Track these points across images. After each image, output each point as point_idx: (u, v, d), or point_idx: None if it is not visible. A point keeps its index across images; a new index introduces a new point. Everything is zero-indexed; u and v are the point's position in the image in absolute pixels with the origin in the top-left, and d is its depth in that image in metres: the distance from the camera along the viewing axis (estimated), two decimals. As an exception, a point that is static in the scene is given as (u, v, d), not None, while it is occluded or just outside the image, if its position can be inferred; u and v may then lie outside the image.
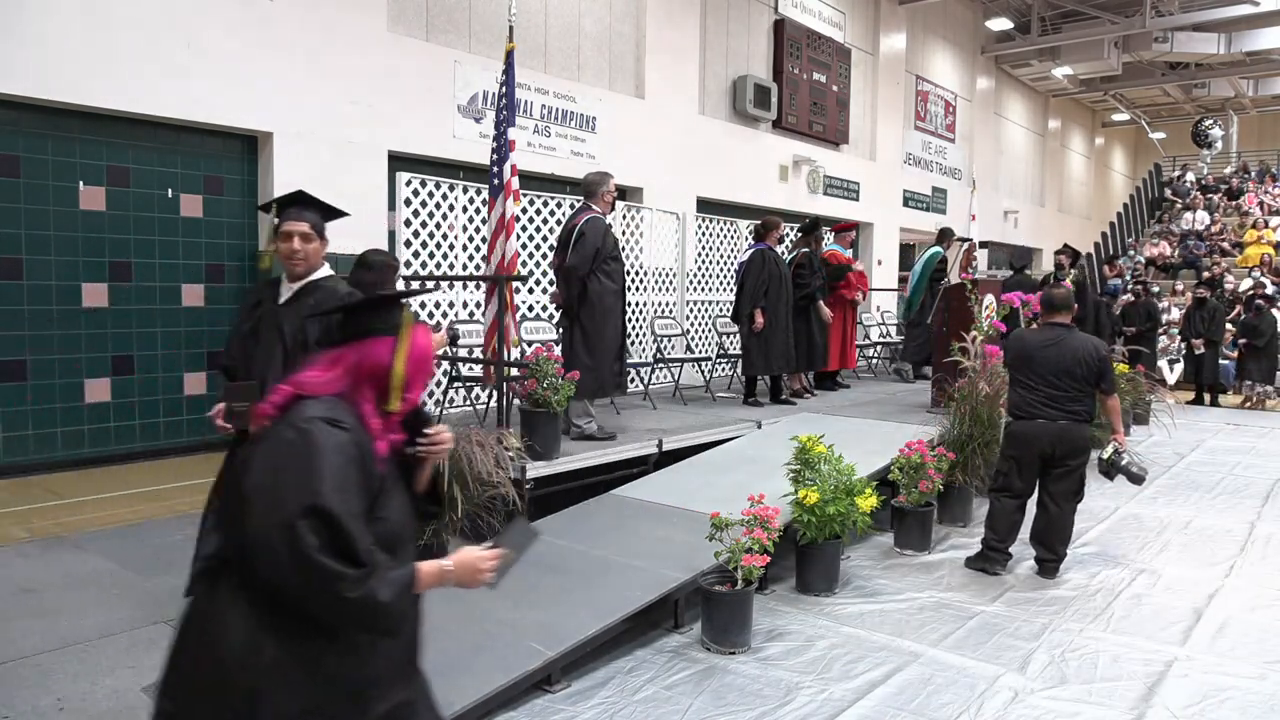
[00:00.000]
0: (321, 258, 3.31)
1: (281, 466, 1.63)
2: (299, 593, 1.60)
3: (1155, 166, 24.07)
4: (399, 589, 1.66)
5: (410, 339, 1.82)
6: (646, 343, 8.98)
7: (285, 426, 1.69)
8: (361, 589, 1.59)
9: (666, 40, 11.82)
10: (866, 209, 16.04)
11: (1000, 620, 4.24)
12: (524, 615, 3.74)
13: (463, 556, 1.84)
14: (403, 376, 1.81)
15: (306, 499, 1.58)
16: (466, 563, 1.83)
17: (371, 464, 1.74)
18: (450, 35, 9.39)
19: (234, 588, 1.67)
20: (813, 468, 4.66)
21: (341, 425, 1.70)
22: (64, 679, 3.41)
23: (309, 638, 1.66)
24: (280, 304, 3.26)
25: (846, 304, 9.18)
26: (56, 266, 6.91)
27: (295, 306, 3.23)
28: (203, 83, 7.33)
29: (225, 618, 1.65)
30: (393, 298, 1.91)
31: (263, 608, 1.64)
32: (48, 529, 5.33)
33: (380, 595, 1.62)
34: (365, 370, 1.79)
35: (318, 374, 1.77)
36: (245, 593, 1.65)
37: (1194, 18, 17.61)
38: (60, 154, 6.92)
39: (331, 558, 1.57)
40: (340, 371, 1.79)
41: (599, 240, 5.81)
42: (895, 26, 16.82)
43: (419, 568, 1.75)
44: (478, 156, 8.88)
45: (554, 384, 5.11)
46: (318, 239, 3.27)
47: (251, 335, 3.25)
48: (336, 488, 1.62)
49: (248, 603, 1.65)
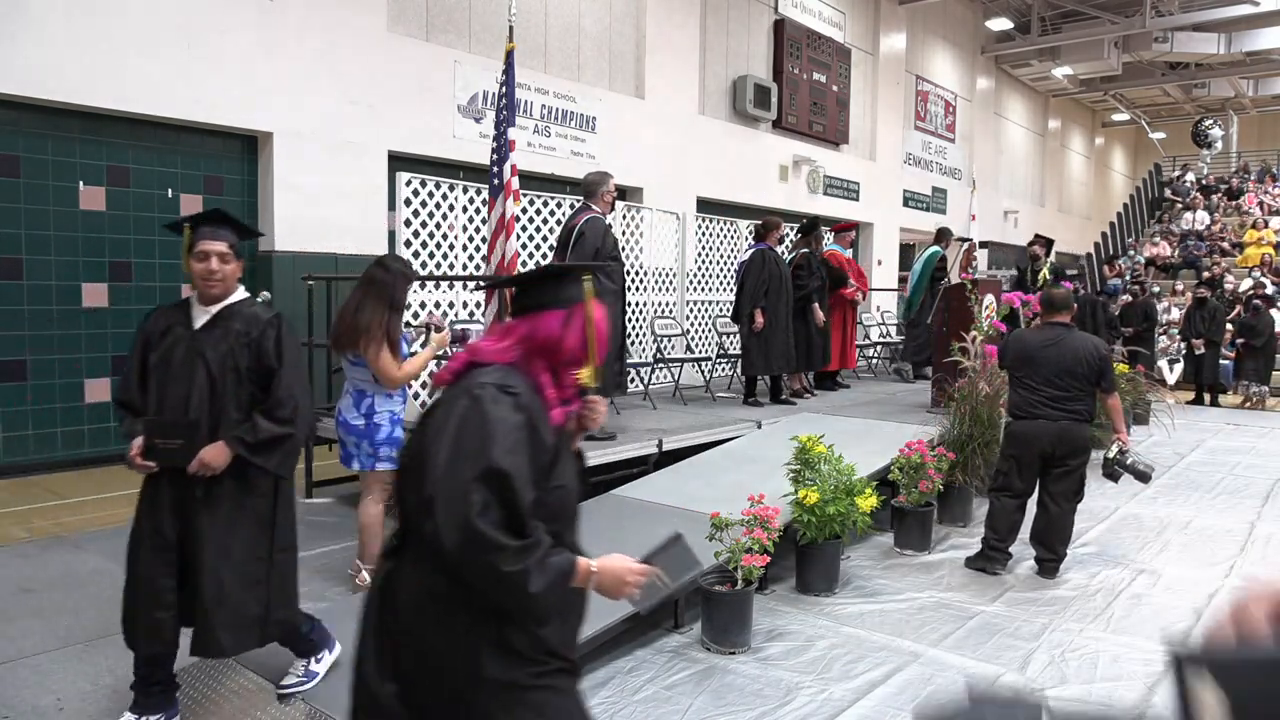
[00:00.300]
0: (237, 280, 3.09)
1: (456, 431, 1.65)
2: (457, 558, 1.59)
3: (1155, 166, 24.07)
4: (552, 580, 1.63)
5: (588, 313, 1.84)
6: (646, 343, 8.98)
7: (460, 392, 1.73)
8: (519, 563, 1.58)
9: (666, 40, 11.82)
10: (866, 209, 16.05)
11: (1000, 620, 4.24)
12: (524, 615, 3.74)
13: (609, 562, 1.77)
14: (589, 348, 1.84)
15: (481, 463, 1.60)
16: (612, 569, 1.76)
17: (545, 432, 1.75)
18: (450, 35, 9.39)
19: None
20: (813, 468, 4.66)
21: (513, 391, 1.72)
22: (64, 679, 3.41)
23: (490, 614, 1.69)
24: (197, 330, 3.00)
25: (846, 304, 9.18)
26: (56, 266, 6.91)
27: (217, 332, 2.99)
28: (202, 83, 7.34)
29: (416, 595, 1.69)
30: (567, 272, 1.89)
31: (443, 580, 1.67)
32: (48, 529, 5.33)
33: (532, 583, 1.59)
34: (538, 342, 1.81)
35: (492, 343, 1.81)
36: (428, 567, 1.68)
37: (1194, 18, 17.62)
38: (60, 154, 6.92)
39: (496, 527, 1.58)
40: (513, 342, 1.81)
41: (599, 240, 5.81)
42: (895, 26, 16.83)
43: (576, 561, 1.72)
44: (478, 156, 8.88)
45: (554, 384, 5.10)
46: (235, 260, 3.06)
47: (163, 365, 2.97)
48: (508, 451, 1.63)
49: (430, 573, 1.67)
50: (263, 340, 3.00)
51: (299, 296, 6.95)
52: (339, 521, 5.62)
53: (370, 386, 4.19)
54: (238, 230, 3.08)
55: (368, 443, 4.19)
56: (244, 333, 2.99)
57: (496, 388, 1.71)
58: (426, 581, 1.69)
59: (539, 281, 1.86)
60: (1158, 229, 20.90)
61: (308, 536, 5.36)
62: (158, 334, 3.01)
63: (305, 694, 3.18)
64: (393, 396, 4.24)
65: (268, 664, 3.38)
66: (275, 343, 3.02)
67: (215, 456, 2.88)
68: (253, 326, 3.01)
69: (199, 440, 2.88)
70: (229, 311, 3.04)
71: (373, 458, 4.20)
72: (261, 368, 3.00)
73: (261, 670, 3.35)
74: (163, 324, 3.04)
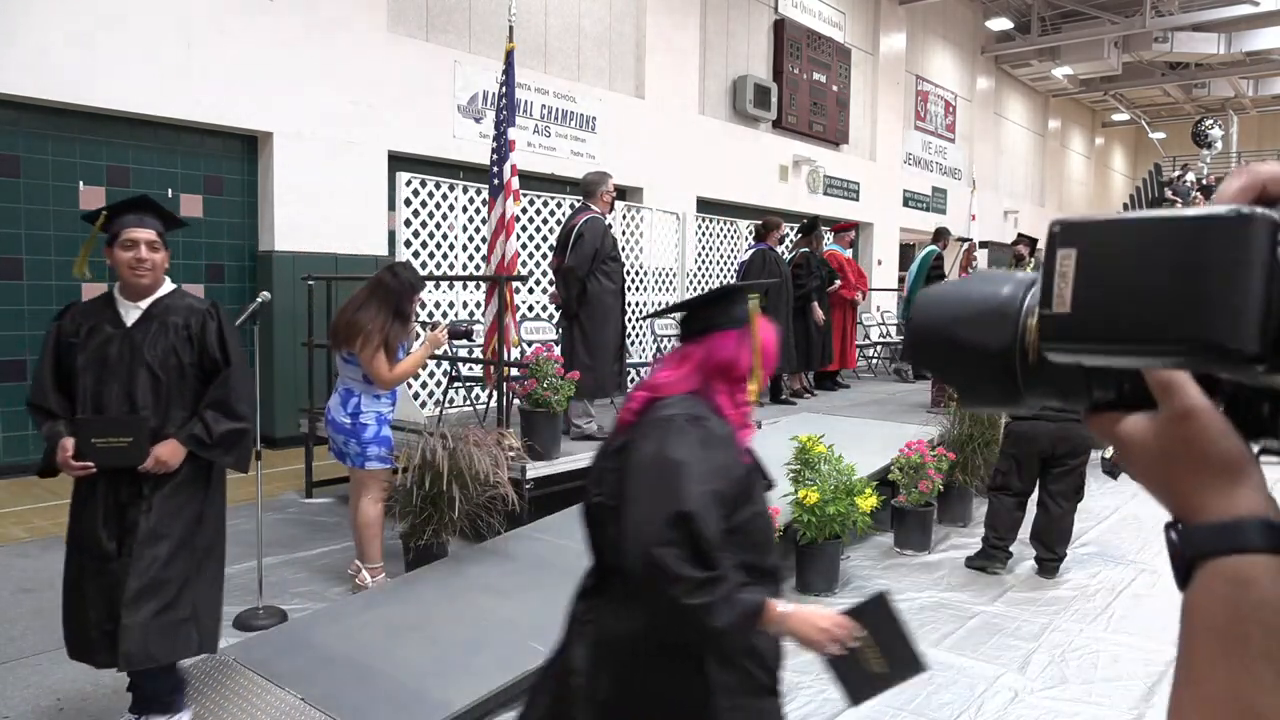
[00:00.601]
0: (164, 271, 2.92)
1: (645, 470, 1.64)
2: (644, 592, 1.60)
3: (1155, 166, 24.07)
4: (739, 617, 1.58)
5: (757, 333, 1.83)
6: (646, 343, 8.98)
7: (648, 428, 1.70)
8: (703, 596, 1.54)
9: (666, 40, 11.82)
10: (866, 209, 16.05)
11: (1000, 620, 4.24)
12: (524, 615, 3.74)
13: (804, 609, 1.69)
14: (755, 368, 1.82)
15: (671, 504, 1.58)
16: (805, 617, 1.68)
17: (736, 456, 1.75)
18: (450, 35, 9.39)
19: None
20: (813, 468, 4.66)
21: (702, 419, 1.70)
22: (64, 679, 3.41)
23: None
24: (131, 327, 2.84)
25: (846, 304, 9.18)
26: (56, 266, 6.91)
27: (154, 328, 2.84)
28: (203, 83, 7.34)
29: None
30: (735, 292, 1.88)
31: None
32: (48, 529, 5.33)
33: (717, 618, 1.55)
34: (715, 364, 1.79)
35: (669, 374, 1.80)
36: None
37: (1194, 18, 17.62)
38: (60, 154, 6.92)
39: (680, 560, 1.55)
40: (690, 369, 1.79)
41: (598, 241, 5.81)
42: (895, 26, 16.83)
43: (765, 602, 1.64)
44: (478, 156, 8.88)
45: (554, 384, 5.11)
46: (164, 249, 2.90)
47: (97, 364, 2.80)
48: (698, 487, 1.61)
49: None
50: (205, 334, 2.90)
51: (299, 296, 6.95)
52: (339, 521, 5.62)
53: (359, 386, 4.20)
54: (164, 219, 2.93)
55: (355, 441, 4.21)
56: (183, 326, 2.87)
57: (685, 419, 1.69)
58: (634, 620, 1.68)
59: (711, 304, 1.85)
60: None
61: (308, 536, 5.38)
62: (83, 333, 2.83)
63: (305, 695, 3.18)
64: (380, 398, 4.25)
65: (268, 664, 3.39)
66: (218, 335, 2.92)
67: (172, 454, 2.80)
68: (192, 319, 2.89)
69: (148, 438, 2.78)
70: (162, 305, 2.89)
71: (362, 456, 4.21)
72: (205, 361, 2.91)
73: (262, 670, 3.35)
74: (85, 323, 2.85)
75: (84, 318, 2.88)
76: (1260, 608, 0.48)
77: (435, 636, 3.62)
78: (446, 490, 4.24)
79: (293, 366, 7.70)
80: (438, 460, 4.31)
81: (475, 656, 3.41)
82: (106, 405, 2.80)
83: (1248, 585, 0.48)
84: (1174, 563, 0.52)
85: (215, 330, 2.92)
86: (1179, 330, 0.45)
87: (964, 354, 0.56)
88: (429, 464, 4.32)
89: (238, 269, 8.03)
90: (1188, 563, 0.51)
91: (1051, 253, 0.49)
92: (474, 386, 6.77)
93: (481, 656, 3.41)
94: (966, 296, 0.56)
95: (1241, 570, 0.49)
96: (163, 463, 2.78)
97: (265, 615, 3.98)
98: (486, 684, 3.20)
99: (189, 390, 2.89)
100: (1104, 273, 0.48)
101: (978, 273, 0.58)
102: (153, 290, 2.90)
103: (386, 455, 4.26)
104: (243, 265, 8.06)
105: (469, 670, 3.30)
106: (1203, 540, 0.51)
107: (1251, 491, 0.51)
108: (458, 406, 6.90)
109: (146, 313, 2.88)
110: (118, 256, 2.84)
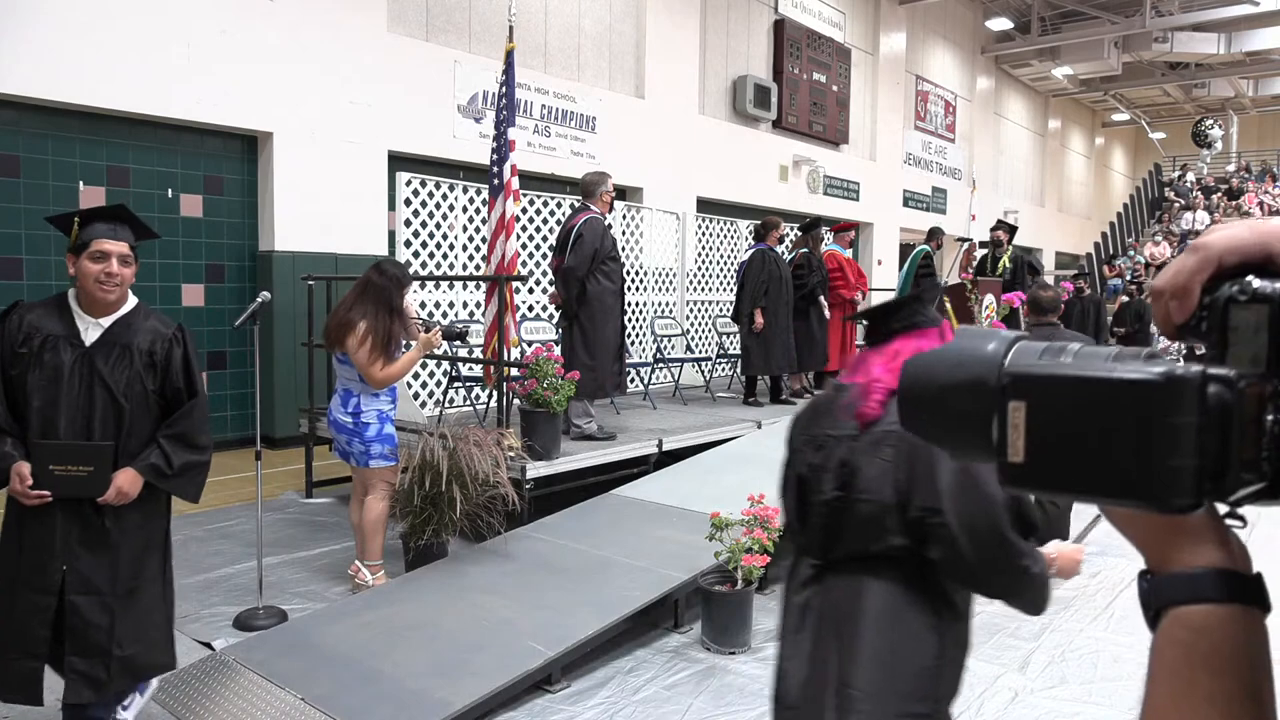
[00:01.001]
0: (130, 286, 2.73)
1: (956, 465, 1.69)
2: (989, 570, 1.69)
3: (1155, 166, 24.09)
4: (1045, 569, 1.76)
5: (946, 333, 1.90)
6: (646, 343, 8.98)
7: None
8: (1037, 564, 1.70)
9: (666, 40, 11.82)
10: (866, 209, 16.05)
11: (1000, 620, 4.24)
12: (524, 615, 3.74)
13: (1062, 547, 1.91)
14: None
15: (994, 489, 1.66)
16: (1066, 555, 1.91)
17: None
18: (450, 35, 9.39)
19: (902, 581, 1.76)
20: (813, 468, 4.65)
21: None
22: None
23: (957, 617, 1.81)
24: (90, 346, 2.64)
25: (846, 304, 9.18)
26: (57, 266, 6.91)
27: (116, 351, 2.66)
28: (203, 83, 7.34)
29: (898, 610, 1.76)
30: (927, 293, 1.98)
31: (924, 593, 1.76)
32: None
33: (1043, 574, 1.73)
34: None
35: (885, 367, 1.84)
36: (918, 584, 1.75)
37: (1194, 18, 17.62)
38: (60, 154, 6.92)
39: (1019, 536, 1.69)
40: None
41: (597, 241, 5.81)
42: (895, 26, 16.83)
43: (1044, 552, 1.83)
44: (478, 156, 8.88)
45: (554, 384, 5.11)
46: (134, 263, 2.71)
47: (50, 385, 2.59)
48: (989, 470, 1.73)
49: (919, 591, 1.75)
50: (170, 361, 2.76)
51: (299, 296, 6.95)
52: (339, 521, 5.62)
53: (356, 385, 4.22)
54: (137, 231, 2.74)
55: (358, 440, 4.22)
56: (148, 351, 2.71)
57: None
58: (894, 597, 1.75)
59: (911, 304, 1.93)
60: (1158, 229, 20.91)
61: (308, 536, 5.38)
62: (35, 345, 2.61)
63: (307, 695, 3.18)
64: (379, 396, 4.26)
65: (268, 664, 3.39)
66: (183, 363, 2.79)
67: (131, 483, 2.65)
68: (157, 344, 2.73)
69: (111, 467, 2.62)
70: (125, 325, 2.70)
71: (366, 454, 4.22)
72: (167, 389, 2.77)
73: (262, 670, 3.35)
74: (37, 333, 2.62)
75: (36, 325, 2.64)
76: (1212, 654, 0.52)
77: (435, 636, 3.62)
78: (446, 490, 4.24)
79: (293, 366, 7.71)
80: (438, 460, 4.31)
81: (475, 656, 3.41)
82: (58, 429, 2.60)
83: (1203, 633, 0.53)
84: (1144, 609, 0.57)
85: (180, 358, 2.78)
86: (1121, 485, 0.49)
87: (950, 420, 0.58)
88: (429, 464, 4.32)
89: (238, 269, 8.03)
90: (1155, 610, 0.56)
91: (1004, 404, 0.52)
92: (474, 386, 6.77)
93: (481, 656, 3.41)
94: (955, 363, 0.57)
95: (1198, 619, 0.53)
96: (124, 494, 2.64)
97: (265, 615, 3.98)
98: (486, 684, 3.21)
99: (150, 419, 2.74)
100: (1050, 427, 0.50)
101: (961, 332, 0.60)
102: (117, 307, 2.71)
103: (391, 453, 4.27)
104: (243, 265, 8.06)
105: (469, 670, 3.30)
106: (1168, 590, 0.55)
107: (1214, 548, 0.55)
108: (458, 406, 6.90)
109: (109, 331, 2.68)
110: (84, 267, 2.62)
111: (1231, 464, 0.48)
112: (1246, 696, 0.52)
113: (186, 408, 2.78)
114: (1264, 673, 0.53)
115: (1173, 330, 0.56)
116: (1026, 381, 0.51)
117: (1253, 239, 0.53)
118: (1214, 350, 0.53)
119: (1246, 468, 0.49)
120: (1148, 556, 0.58)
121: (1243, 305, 0.52)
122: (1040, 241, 22.12)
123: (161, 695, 3.24)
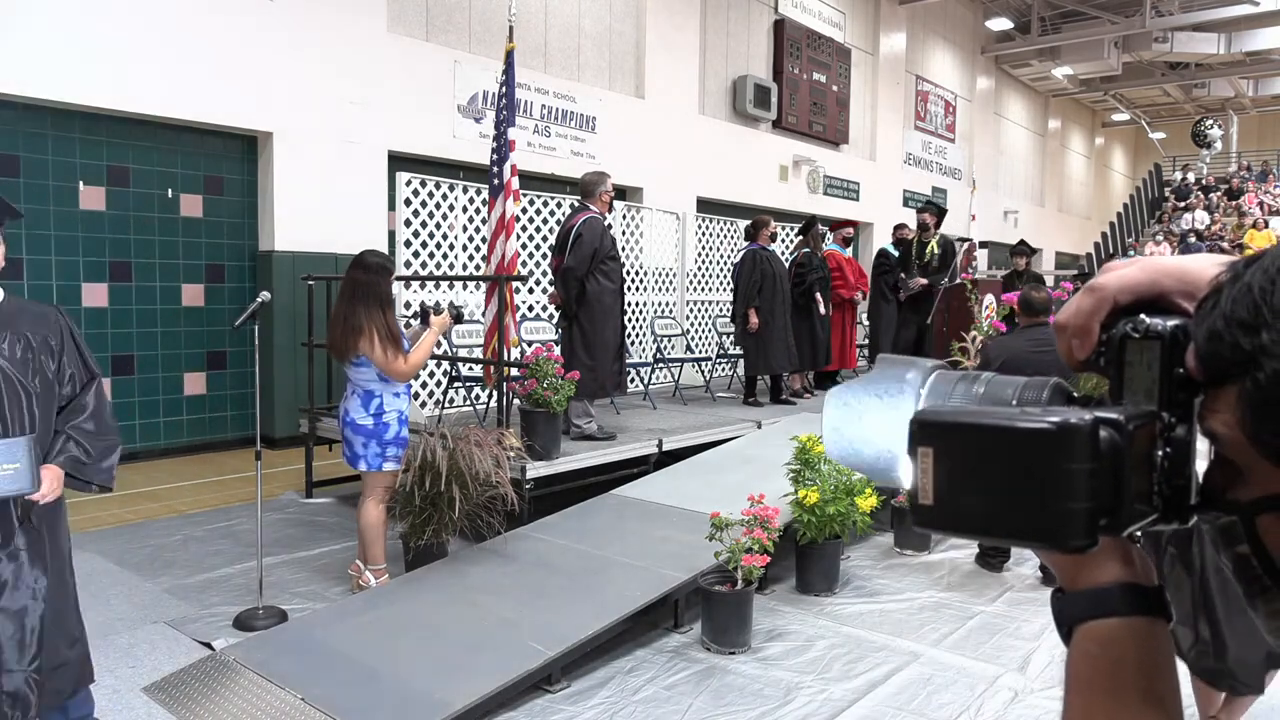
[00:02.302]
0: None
1: None
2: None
3: (1155, 166, 24.09)
4: None
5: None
6: (646, 343, 8.98)
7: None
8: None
9: (666, 40, 11.82)
10: (866, 209, 16.05)
11: (1000, 620, 4.24)
12: (524, 615, 3.74)
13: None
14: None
15: None
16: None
17: None
18: (450, 35, 9.39)
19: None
20: (813, 467, 4.66)
21: None
22: None
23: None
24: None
25: (846, 304, 9.17)
26: (56, 266, 6.91)
27: (7, 337, 2.47)
28: (203, 83, 7.34)
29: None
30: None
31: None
32: None
33: None
34: None
35: None
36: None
37: (1194, 18, 17.63)
38: (60, 154, 6.92)
39: None
40: None
41: (596, 241, 5.81)
42: (895, 26, 16.83)
43: None
44: (478, 156, 8.88)
45: (554, 384, 5.11)
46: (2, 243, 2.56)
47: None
48: None
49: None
50: (64, 343, 2.61)
51: (299, 296, 6.95)
52: (339, 521, 5.62)
53: (378, 385, 4.18)
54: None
55: (376, 442, 4.18)
56: (37, 334, 2.53)
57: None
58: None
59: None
60: (1158, 229, 20.91)
61: (308, 536, 5.38)
62: None
63: (307, 695, 3.18)
64: (400, 395, 4.24)
65: (268, 664, 3.39)
66: (75, 344, 2.64)
67: (57, 479, 2.49)
68: (49, 328, 2.57)
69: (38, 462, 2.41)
70: (6, 311, 2.52)
71: (380, 457, 4.20)
72: (63, 374, 2.60)
73: (262, 670, 3.35)
74: None
75: None
76: (1120, 664, 0.55)
77: (435, 636, 3.63)
78: (446, 490, 4.24)
79: (292, 366, 7.71)
80: (438, 460, 4.31)
81: (475, 656, 3.41)
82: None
83: (1109, 645, 0.56)
84: (1058, 626, 0.60)
85: (71, 338, 2.64)
86: (1022, 528, 0.52)
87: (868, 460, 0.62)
88: (429, 464, 4.31)
89: (238, 269, 8.03)
90: (1068, 627, 0.59)
91: (914, 448, 0.54)
92: (474, 386, 6.77)
93: (481, 656, 3.41)
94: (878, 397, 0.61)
95: (1105, 632, 0.56)
96: (52, 491, 2.46)
97: (265, 615, 3.98)
98: (486, 684, 3.20)
99: (53, 407, 2.56)
100: (955, 473, 0.53)
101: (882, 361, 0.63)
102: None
103: (400, 456, 4.25)
104: (243, 265, 8.06)
105: (469, 670, 3.30)
106: (1077, 607, 0.58)
107: (1118, 564, 0.57)
108: (458, 406, 6.90)
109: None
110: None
111: (1125, 501, 0.51)
112: (1153, 702, 0.55)
113: (95, 388, 2.64)
114: (1168, 679, 0.56)
115: (1077, 364, 0.59)
116: (932, 429, 0.54)
117: (1144, 278, 0.57)
118: (1113, 384, 0.56)
119: (1140, 500, 0.52)
120: (1060, 576, 0.60)
121: (1136, 341, 0.55)
122: (1040, 241, 22.12)
123: (162, 695, 3.24)
